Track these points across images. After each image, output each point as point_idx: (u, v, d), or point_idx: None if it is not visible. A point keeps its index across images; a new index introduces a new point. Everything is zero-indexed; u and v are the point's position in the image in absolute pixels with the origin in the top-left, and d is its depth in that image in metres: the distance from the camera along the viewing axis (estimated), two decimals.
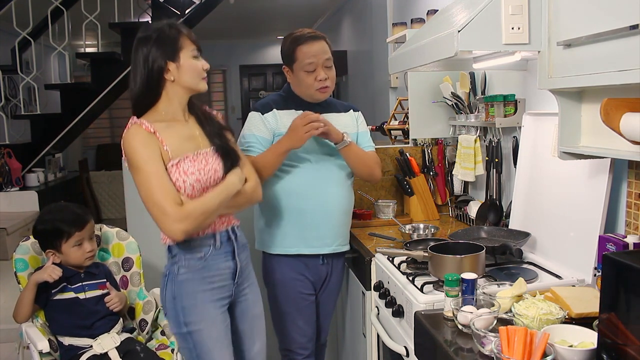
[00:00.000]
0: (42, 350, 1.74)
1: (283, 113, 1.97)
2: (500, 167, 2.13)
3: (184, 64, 1.62)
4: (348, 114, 2.10)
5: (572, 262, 1.60)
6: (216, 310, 1.65)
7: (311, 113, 1.87)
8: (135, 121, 1.60)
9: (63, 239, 1.89)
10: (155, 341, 1.99)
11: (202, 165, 1.62)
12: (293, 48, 1.93)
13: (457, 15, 1.57)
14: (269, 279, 2.04)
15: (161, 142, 1.58)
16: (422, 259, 1.63)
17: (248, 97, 8.90)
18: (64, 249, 1.89)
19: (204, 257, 1.63)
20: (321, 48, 1.93)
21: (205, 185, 1.62)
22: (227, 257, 1.68)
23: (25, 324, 1.86)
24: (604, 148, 1.30)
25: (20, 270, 1.89)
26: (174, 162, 1.58)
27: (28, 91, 5.27)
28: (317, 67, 1.92)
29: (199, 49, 1.68)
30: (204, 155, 1.65)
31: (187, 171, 1.59)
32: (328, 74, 1.95)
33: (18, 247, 1.92)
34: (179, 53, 1.62)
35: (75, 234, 1.90)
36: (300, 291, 2.01)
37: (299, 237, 1.97)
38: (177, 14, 4.53)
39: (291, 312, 2.02)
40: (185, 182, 1.58)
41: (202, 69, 1.66)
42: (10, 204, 4.05)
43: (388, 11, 3.92)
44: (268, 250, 2.02)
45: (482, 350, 1.16)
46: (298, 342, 2.04)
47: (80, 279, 1.94)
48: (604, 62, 1.14)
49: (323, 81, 1.94)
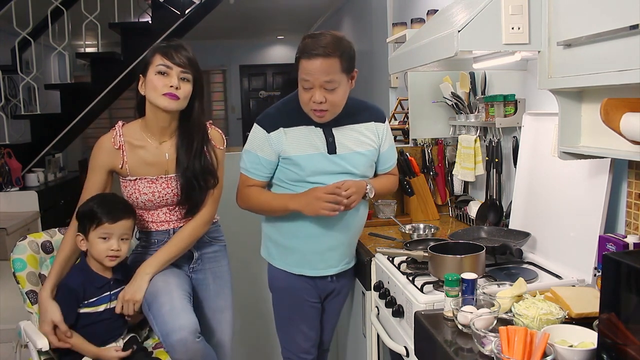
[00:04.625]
0: (41, 348, 1.73)
1: (291, 131, 1.78)
2: (500, 167, 2.13)
3: (147, 79, 1.73)
4: (370, 125, 1.86)
5: (572, 262, 1.60)
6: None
7: (340, 188, 1.71)
8: (114, 129, 1.80)
9: (93, 224, 1.75)
10: (152, 340, 1.98)
11: (160, 188, 1.81)
12: (297, 56, 1.72)
13: (457, 15, 1.57)
14: (274, 286, 1.99)
15: (123, 159, 1.78)
16: (422, 259, 1.63)
17: (248, 97, 8.90)
18: (90, 237, 1.76)
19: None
20: (322, 67, 1.65)
21: (158, 205, 1.83)
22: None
23: (24, 322, 1.85)
24: (604, 148, 1.30)
25: (19, 270, 1.88)
26: (131, 178, 1.80)
27: (28, 91, 5.26)
28: (314, 87, 1.68)
29: (170, 66, 1.71)
30: (166, 180, 1.81)
31: (141, 190, 1.80)
32: (327, 97, 1.69)
33: (15, 247, 1.91)
34: (148, 67, 1.73)
35: (104, 224, 1.74)
36: (305, 299, 1.94)
37: (304, 260, 1.88)
38: (177, 13, 4.53)
39: (295, 317, 1.96)
40: (137, 199, 1.81)
41: (164, 85, 1.70)
42: (10, 204, 4.04)
43: (388, 11, 3.92)
44: (272, 263, 1.95)
45: (482, 350, 1.16)
46: (302, 348, 1.98)
47: (109, 288, 1.81)
48: (604, 62, 1.14)
49: (318, 104, 1.70)
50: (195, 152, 1.81)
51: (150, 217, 1.87)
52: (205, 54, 8.03)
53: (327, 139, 1.80)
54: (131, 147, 1.79)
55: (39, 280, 1.88)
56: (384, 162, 1.96)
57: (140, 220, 1.88)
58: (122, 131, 1.80)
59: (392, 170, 2.02)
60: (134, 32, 4.57)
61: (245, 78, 8.89)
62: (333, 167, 1.80)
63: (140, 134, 1.81)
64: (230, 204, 2.00)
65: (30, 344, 1.77)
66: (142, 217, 1.88)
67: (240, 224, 2.31)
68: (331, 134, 1.80)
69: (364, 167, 1.86)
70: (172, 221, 1.87)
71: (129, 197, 1.82)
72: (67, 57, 4.85)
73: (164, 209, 1.86)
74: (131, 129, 1.82)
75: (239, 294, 2.14)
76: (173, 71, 1.71)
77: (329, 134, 1.80)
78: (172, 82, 1.70)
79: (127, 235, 1.79)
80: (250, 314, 2.76)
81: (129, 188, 1.82)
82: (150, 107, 1.77)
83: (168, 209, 1.86)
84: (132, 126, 1.83)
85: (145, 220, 1.88)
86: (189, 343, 1.65)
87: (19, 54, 4.58)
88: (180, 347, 1.64)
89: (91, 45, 5.72)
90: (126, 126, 1.82)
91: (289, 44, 8.49)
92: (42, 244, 1.94)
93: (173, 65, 1.71)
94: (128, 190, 1.82)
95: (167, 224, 1.87)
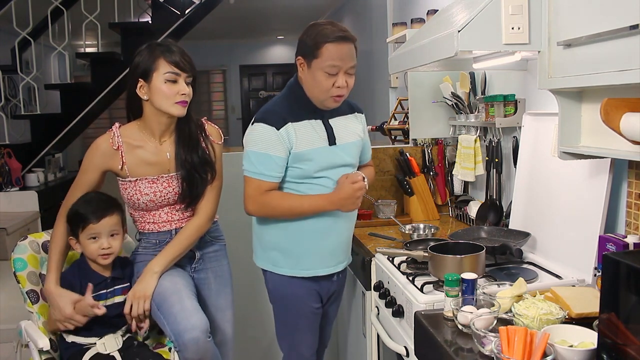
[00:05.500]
0: (42, 348, 1.73)
1: (298, 126, 1.75)
2: (500, 167, 2.13)
3: (154, 86, 1.72)
4: (354, 116, 1.92)
5: (572, 262, 1.60)
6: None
7: (356, 175, 1.77)
8: (112, 130, 1.79)
9: (80, 227, 1.76)
10: (152, 340, 1.98)
11: (161, 187, 1.80)
12: (320, 42, 1.68)
13: (457, 15, 1.57)
14: (278, 295, 1.92)
15: (122, 159, 1.77)
16: (422, 259, 1.63)
17: (248, 97, 8.90)
18: (81, 239, 1.77)
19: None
20: (350, 52, 1.70)
21: (159, 205, 1.82)
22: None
23: (25, 322, 1.86)
24: (604, 148, 1.30)
25: (19, 269, 1.88)
26: (131, 179, 1.79)
27: (28, 91, 5.26)
28: (340, 71, 1.70)
29: (179, 73, 1.71)
30: (167, 179, 1.81)
31: (143, 191, 1.80)
32: (348, 81, 1.74)
33: (16, 247, 1.91)
34: (151, 74, 1.71)
35: (89, 226, 1.74)
36: (311, 306, 1.90)
37: (317, 260, 1.85)
38: (177, 14, 4.53)
39: (301, 327, 1.92)
40: (139, 199, 1.80)
41: (176, 94, 1.71)
42: (10, 204, 4.04)
43: (388, 11, 3.92)
44: (278, 272, 1.87)
45: (482, 351, 1.16)
46: (304, 356, 1.96)
47: (106, 286, 1.81)
48: (604, 62, 1.14)
49: (340, 89, 1.73)
50: (192, 145, 1.82)
51: (152, 218, 1.87)
52: (205, 54, 8.05)
53: (327, 130, 1.81)
54: (130, 148, 1.79)
55: (39, 280, 1.88)
56: (365, 152, 2.00)
57: (141, 221, 1.88)
58: (120, 132, 1.80)
59: (370, 162, 2.07)
60: (134, 32, 4.57)
61: (245, 78, 8.90)
62: (336, 159, 1.80)
63: (139, 134, 1.81)
64: (230, 204, 2.00)
65: (31, 344, 1.77)
66: (143, 218, 1.88)
67: (239, 224, 2.30)
68: (329, 125, 1.82)
69: (357, 157, 1.90)
70: (174, 221, 1.87)
71: (130, 199, 1.82)
72: (67, 57, 4.84)
73: (166, 209, 1.86)
74: (129, 130, 1.81)
75: (238, 294, 2.14)
76: (181, 78, 1.72)
77: (327, 126, 1.81)
78: (183, 90, 1.72)
79: (116, 230, 1.79)
80: (249, 314, 2.76)
81: (129, 190, 1.81)
82: (154, 110, 1.76)
83: (169, 209, 1.86)
84: (130, 127, 1.82)
85: (147, 222, 1.88)
86: (200, 342, 1.67)
87: (19, 54, 4.58)
88: (192, 346, 1.67)
89: (91, 45, 5.72)
90: (123, 127, 1.82)
91: (288, 44, 8.49)
92: (43, 243, 1.94)
93: (182, 73, 1.72)
94: (128, 192, 1.81)
95: (169, 224, 1.87)
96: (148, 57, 1.72)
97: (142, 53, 1.74)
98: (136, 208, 1.85)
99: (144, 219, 1.87)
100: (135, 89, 1.74)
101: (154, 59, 1.71)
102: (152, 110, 1.76)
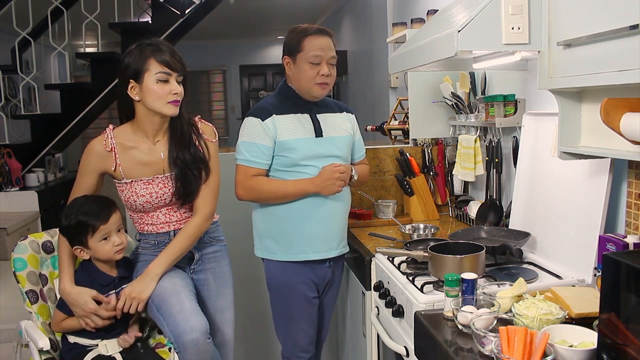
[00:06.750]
0: (42, 348, 1.73)
1: (282, 118, 1.92)
2: (500, 167, 2.13)
3: (145, 87, 1.72)
4: (343, 115, 2.07)
5: (572, 262, 1.60)
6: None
7: (340, 165, 1.90)
8: (105, 132, 1.80)
9: (89, 234, 1.76)
10: (152, 340, 1.98)
11: (157, 189, 1.81)
12: (300, 38, 1.89)
13: (457, 15, 1.57)
14: (273, 283, 2.02)
15: (116, 161, 1.78)
16: (422, 259, 1.63)
17: (248, 97, 8.90)
18: (91, 244, 1.77)
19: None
20: (329, 44, 1.91)
21: (156, 206, 1.83)
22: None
23: (25, 322, 1.86)
24: (604, 148, 1.30)
25: (19, 269, 1.88)
26: (127, 181, 1.79)
27: (28, 91, 5.26)
28: (322, 61, 1.89)
29: (170, 73, 1.71)
30: (162, 180, 1.81)
31: (138, 193, 1.80)
32: (331, 71, 1.92)
33: (16, 247, 1.91)
34: (143, 74, 1.71)
35: (100, 228, 1.76)
36: (306, 294, 1.99)
37: (307, 244, 1.95)
38: (177, 14, 4.53)
39: (296, 315, 2.00)
40: (135, 201, 1.81)
41: (168, 93, 1.71)
42: (10, 204, 4.04)
43: (388, 11, 3.92)
44: (273, 258, 1.99)
45: (482, 351, 1.16)
46: (301, 346, 2.03)
47: (114, 286, 1.82)
48: (604, 62, 1.14)
49: (325, 77, 1.90)
50: (184, 143, 1.82)
51: (150, 220, 1.87)
52: (205, 54, 8.06)
53: (314, 124, 1.95)
54: (124, 149, 1.79)
55: (39, 279, 1.88)
56: (358, 150, 2.13)
57: (140, 223, 1.88)
58: (114, 134, 1.80)
59: (364, 161, 2.18)
60: (134, 32, 4.57)
61: (245, 78, 8.90)
62: (322, 150, 1.94)
63: (132, 135, 1.81)
64: (230, 204, 2.00)
65: (31, 344, 1.77)
66: (142, 219, 1.88)
67: (238, 224, 2.31)
68: (317, 119, 1.97)
69: (346, 150, 2.02)
70: (172, 222, 1.87)
71: (127, 200, 1.82)
72: (67, 57, 4.85)
73: (163, 210, 1.86)
74: (122, 132, 1.81)
75: (238, 294, 2.14)
76: (172, 77, 1.72)
77: (315, 119, 1.96)
78: (175, 89, 1.72)
79: (120, 225, 1.84)
80: (249, 313, 2.76)
81: (125, 192, 1.81)
82: (146, 111, 1.76)
83: (167, 210, 1.86)
84: (123, 129, 1.82)
85: (146, 223, 1.88)
86: (200, 344, 1.67)
87: (19, 54, 4.58)
88: (192, 347, 1.67)
89: (91, 45, 5.72)
90: (117, 129, 1.82)
91: None
92: (43, 243, 1.94)
93: (173, 72, 1.72)
94: (125, 194, 1.82)
95: (167, 225, 1.87)
96: (138, 57, 1.71)
97: (132, 53, 1.73)
98: (134, 210, 1.85)
99: (142, 220, 1.87)
100: (126, 90, 1.73)
101: (144, 59, 1.71)
102: (144, 110, 1.76)
